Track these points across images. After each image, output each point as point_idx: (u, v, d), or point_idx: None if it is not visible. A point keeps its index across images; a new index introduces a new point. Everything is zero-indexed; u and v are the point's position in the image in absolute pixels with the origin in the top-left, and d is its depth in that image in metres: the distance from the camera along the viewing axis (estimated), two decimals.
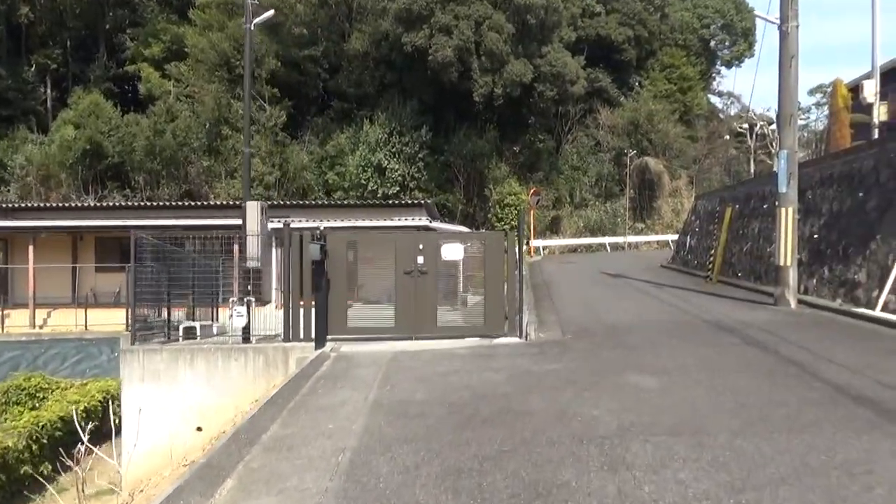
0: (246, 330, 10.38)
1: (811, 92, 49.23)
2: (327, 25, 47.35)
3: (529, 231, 35.84)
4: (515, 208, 36.54)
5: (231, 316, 10.21)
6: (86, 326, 19.58)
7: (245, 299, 10.27)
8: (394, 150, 42.31)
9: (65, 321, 20.37)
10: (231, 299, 10.40)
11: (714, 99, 62.59)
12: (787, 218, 12.25)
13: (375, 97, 45.48)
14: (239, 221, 20.24)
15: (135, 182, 42.67)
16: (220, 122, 43.38)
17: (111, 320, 18.62)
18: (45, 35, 49.60)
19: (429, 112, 43.95)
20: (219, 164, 42.38)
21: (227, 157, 42.66)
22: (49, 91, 50.41)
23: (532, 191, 35.88)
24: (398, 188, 41.82)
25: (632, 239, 41.15)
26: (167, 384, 9.93)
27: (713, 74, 61.60)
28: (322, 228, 9.91)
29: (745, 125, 25.80)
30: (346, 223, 20.86)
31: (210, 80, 43.71)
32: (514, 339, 9.92)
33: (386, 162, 42.04)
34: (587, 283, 18.55)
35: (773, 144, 25.29)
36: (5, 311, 20.22)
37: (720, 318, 11.21)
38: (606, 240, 39.89)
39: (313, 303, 10.18)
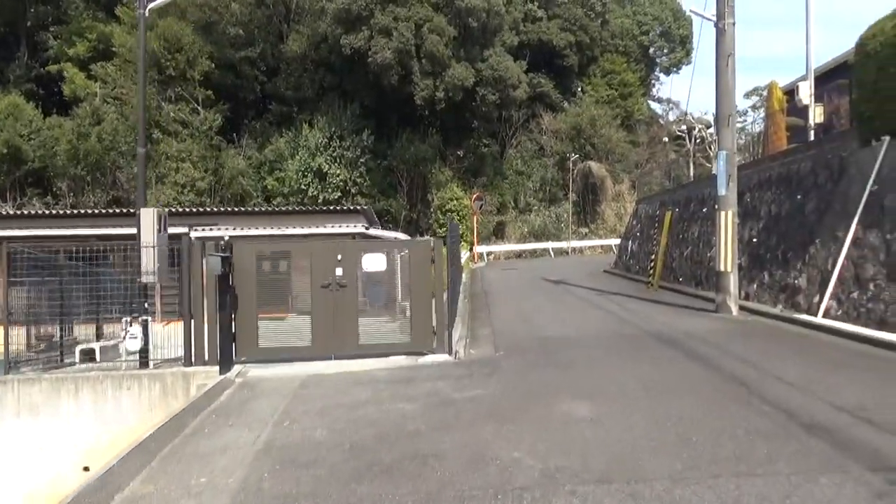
0: (143, 353, 9.22)
1: (747, 94, 50.30)
2: (265, 26, 45.86)
3: (472, 237, 35.21)
4: (457, 214, 35.86)
5: (124, 337, 9.04)
6: None
7: (141, 318, 9.11)
8: (335, 154, 41.21)
9: None
10: (124, 319, 9.22)
11: (654, 105, 63.64)
12: (727, 221, 11.82)
13: (315, 101, 44.24)
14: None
15: (58, 189, 40.22)
16: (150, 125, 41.34)
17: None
18: None
19: (371, 116, 42.99)
20: (150, 170, 40.25)
21: (157, 161, 40.64)
22: None
23: (475, 195, 35.25)
24: (340, 194, 40.71)
25: (576, 244, 41.00)
26: (48, 419, 8.70)
27: (652, 81, 62.53)
28: (227, 238, 8.85)
29: (684, 128, 25.66)
30: (278, 231, 19.71)
31: (136, 80, 41.57)
32: (442, 357, 9.07)
33: (326, 167, 40.89)
34: (527, 292, 17.89)
35: (711, 147, 25.28)
36: None
37: (661, 328, 10.62)
38: (550, 245, 39.60)
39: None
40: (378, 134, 42.53)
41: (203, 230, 19.75)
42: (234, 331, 9.07)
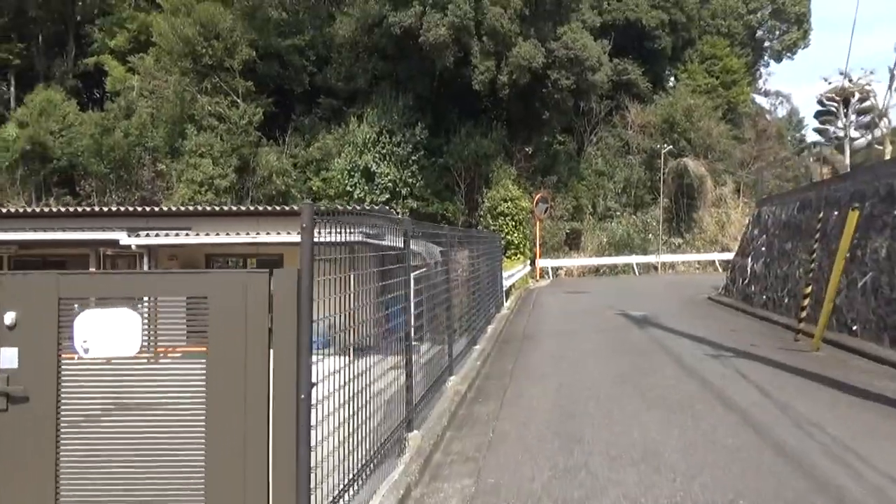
0: None
1: None
2: (312, 9, 41.08)
3: (535, 248, 28.56)
4: (513, 218, 29.11)
5: None
6: None
7: None
8: (384, 151, 35.70)
9: None
10: None
11: (759, 99, 54.49)
12: None
13: (367, 93, 38.91)
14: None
15: (81, 188, 36.69)
16: (182, 119, 37.31)
17: None
18: (6, 27, 44.04)
19: (426, 108, 37.23)
20: (175, 167, 36.08)
21: (188, 159, 36.40)
22: (13, 90, 44.79)
23: (537, 196, 28.45)
24: (388, 195, 35.14)
25: (666, 258, 33.51)
26: None
27: (760, 68, 53.59)
28: None
29: (835, 98, 18.34)
30: (202, 239, 14.12)
31: (172, 70, 37.65)
32: None
33: (374, 165, 35.41)
34: (592, 341, 11.30)
35: (884, 119, 17.87)
36: None
37: None
38: (634, 259, 32.29)
39: None
40: (434, 129, 36.73)
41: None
42: None
